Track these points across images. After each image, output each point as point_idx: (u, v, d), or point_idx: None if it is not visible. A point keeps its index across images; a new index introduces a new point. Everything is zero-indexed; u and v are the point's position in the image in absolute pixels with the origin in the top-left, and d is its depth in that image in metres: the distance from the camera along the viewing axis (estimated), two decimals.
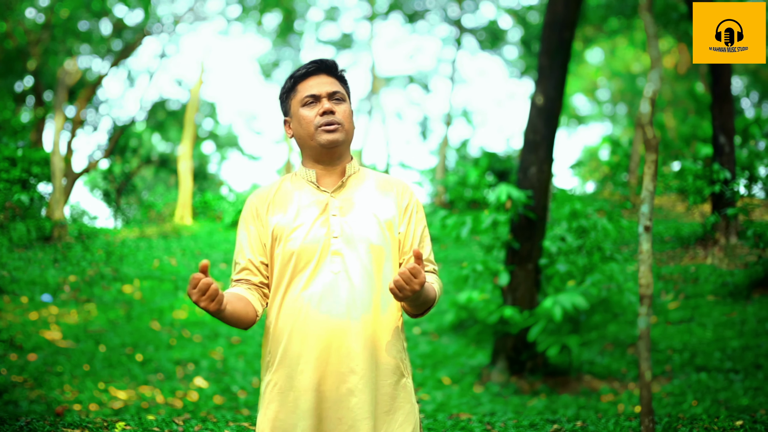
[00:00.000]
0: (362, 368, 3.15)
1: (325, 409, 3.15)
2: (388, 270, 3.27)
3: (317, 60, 3.41)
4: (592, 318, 11.11)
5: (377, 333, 3.20)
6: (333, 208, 3.29)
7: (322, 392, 3.15)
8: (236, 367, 10.76)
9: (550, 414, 7.98)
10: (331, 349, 3.15)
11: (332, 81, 3.39)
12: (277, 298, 3.27)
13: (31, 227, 18.23)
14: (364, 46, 34.96)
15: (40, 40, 25.90)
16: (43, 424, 6.60)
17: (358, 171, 3.46)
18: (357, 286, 3.19)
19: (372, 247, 3.24)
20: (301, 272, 3.23)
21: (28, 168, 20.88)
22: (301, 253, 3.22)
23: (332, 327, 3.15)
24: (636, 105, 35.95)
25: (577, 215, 10.53)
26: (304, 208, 3.31)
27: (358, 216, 3.29)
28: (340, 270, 3.20)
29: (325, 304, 3.17)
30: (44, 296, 13.43)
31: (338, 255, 3.21)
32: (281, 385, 3.22)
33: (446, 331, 12.48)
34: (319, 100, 3.34)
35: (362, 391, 3.14)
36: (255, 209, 3.39)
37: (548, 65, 9.84)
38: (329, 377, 3.15)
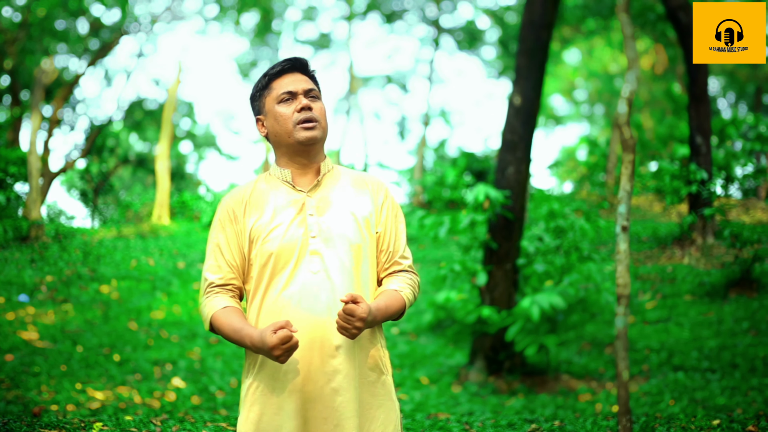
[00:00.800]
0: (345, 367, 3.15)
1: (310, 409, 3.15)
2: (366, 267, 3.27)
3: (291, 58, 3.41)
4: (570, 318, 11.14)
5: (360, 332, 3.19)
6: (309, 207, 3.28)
7: (307, 392, 3.15)
8: (214, 367, 10.74)
9: (528, 413, 8.00)
10: (313, 349, 3.14)
11: (306, 79, 3.39)
12: (256, 300, 3.25)
13: (7, 227, 18.16)
14: (342, 46, 34.94)
15: (17, 39, 25.79)
16: (20, 424, 6.57)
17: (332, 169, 3.45)
18: (337, 284, 3.18)
19: (351, 245, 3.24)
20: (280, 273, 3.21)
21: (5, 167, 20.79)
22: (279, 254, 3.21)
23: (314, 327, 3.14)
24: (613, 105, 36.05)
25: (554, 215, 10.56)
26: (281, 209, 3.29)
27: (335, 215, 3.28)
28: (319, 269, 3.19)
29: (305, 304, 3.16)
30: (21, 296, 13.37)
31: (317, 254, 3.20)
32: (264, 387, 3.21)
33: (424, 331, 12.49)
34: (295, 97, 3.33)
35: (346, 390, 3.15)
36: (231, 211, 3.36)
37: (526, 65, 9.87)
38: (313, 377, 3.15)
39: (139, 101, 33.66)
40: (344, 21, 33.07)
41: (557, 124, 44.87)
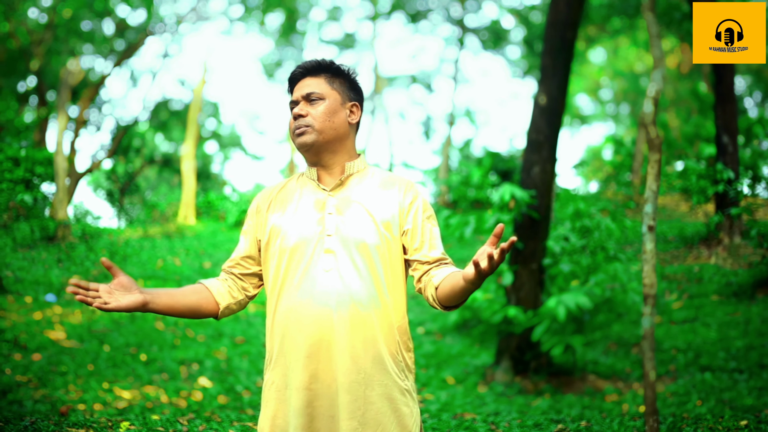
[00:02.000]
0: (349, 367, 3.14)
1: (317, 407, 3.15)
2: (382, 269, 3.24)
3: (302, 64, 3.45)
4: (596, 318, 11.10)
5: (369, 331, 3.17)
6: (330, 206, 3.30)
7: (313, 390, 3.15)
8: (240, 366, 10.76)
9: (555, 414, 7.98)
10: (320, 347, 3.14)
11: (314, 82, 3.40)
12: (274, 297, 3.28)
13: (34, 227, 18.24)
14: (366, 46, 34.98)
15: (43, 40, 25.92)
16: (47, 423, 6.60)
17: (363, 169, 3.45)
18: (348, 284, 3.17)
19: (365, 245, 3.22)
20: (295, 270, 3.23)
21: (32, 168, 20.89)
22: (294, 251, 3.23)
23: (322, 325, 3.14)
24: (639, 105, 35.94)
25: (580, 215, 10.53)
26: (303, 207, 3.33)
27: (353, 214, 3.28)
28: (331, 268, 3.19)
29: (315, 302, 3.16)
30: (48, 296, 13.44)
31: (330, 253, 3.21)
32: (278, 384, 3.24)
33: (450, 331, 12.48)
34: (297, 104, 3.39)
35: (347, 391, 3.13)
36: (257, 205, 3.46)
37: (551, 65, 9.85)
38: (320, 375, 3.14)
39: (164, 101, 33.78)
40: (369, 21, 33.11)
41: (583, 123, 44.77)
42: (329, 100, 3.38)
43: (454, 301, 3.21)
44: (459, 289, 3.09)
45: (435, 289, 3.24)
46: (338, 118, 3.39)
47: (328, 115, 3.36)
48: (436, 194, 28.79)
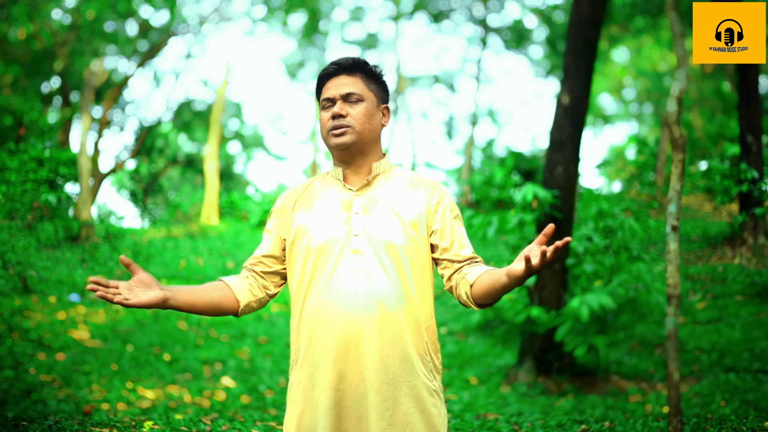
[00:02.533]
0: (377, 367, 3.13)
1: (345, 407, 3.14)
2: (409, 269, 3.23)
3: (337, 61, 3.41)
4: (620, 318, 11.06)
5: (398, 332, 3.16)
6: (356, 206, 3.29)
7: (341, 390, 3.14)
8: (263, 366, 10.78)
9: (578, 414, 7.96)
10: (349, 347, 3.13)
11: (351, 81, 3.37)
12: (300, 297, 3.26)
13: (58, 227, 18.31)
14: (389, 46, 34.97)
15: (67, 41, 26.03)
16: (71, 423, 6.63)
17: (389, 169, 3.44)
18: (376, 284, 3.16)
19: (393, 245, 3.21)
20: (321, 270, 3.22)
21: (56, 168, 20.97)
22: (321, 251, 3.22)
23: (350, 325, 3.13)
24: (662, 104, 35.80)
25: (603, 215, 10.50)
26: (329, 206, 3.32)
27: (380, 215, 3.27)
28: (359, 268, 3.18)
29: (343, 303, 3.15)
30: (72, 296, 13.49)
31: (358, 253, 3.20)
32: (304, 384, 3.22)
33: (473, 331, 12.47)
34: (334, 103, 3.34)
35: (377, 391, 3.12)
36: (281, 204, 3.44)
37: (574, 64, 9.82)
38: (348, 375, 3.13)
39: (187, 102, 33.89)
40: (391, 21, 33.11)
41: (606, 123, 44.66)
42: (368, 102, 3.37)
43: (489, 299, 3.21)
44: (500, 286, 3.09)
45: (470, 287, 3.24)
46: (375, 120, 3.40)
47: (368, 117, 3.36)
48: (458, 194, 28.77)
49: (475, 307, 3.28)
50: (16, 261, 12.84)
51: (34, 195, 16.64)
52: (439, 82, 37.32)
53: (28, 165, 18.69)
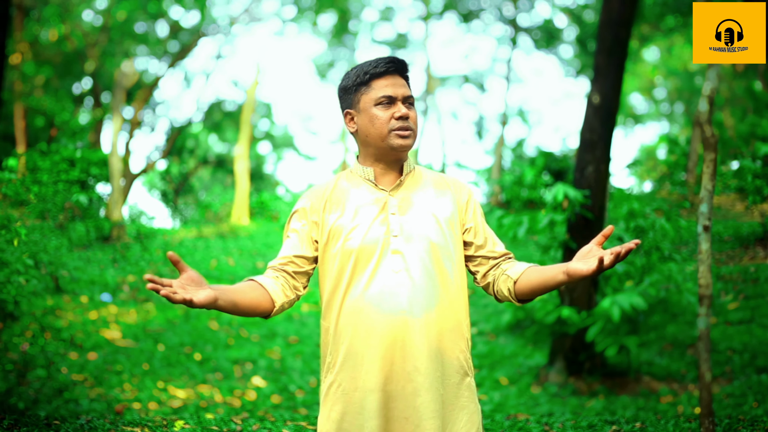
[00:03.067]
0: (427, 367, 3.12)
1: (392, 408, 3.12)
2: (448, 268, 3.23)
3: (393, 59, 3.36)
4: (651, 318, 11.02)
5: (440, 331, 3.17)
6: (392, 206, 3.27)
7: (388, 392, 3.12)
8: (294, 366, 10.80)
9: (609, 415, 7.94)
10: (395, 348, 3.12)
11: (405, 83, 3.35)
12: (336, 299, 3.23)
13: (90, 227, 18.42)
14: (419, 46, 34.93)
15: (98, 43, 26.17)
16: (103, 422, 6.66)
17: (414, 170, 3.43)
18: (418, 284, 3.15)
19: (432, 244, 3.21)
20: (361, 271, 3.19)
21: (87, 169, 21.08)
22: (360, 252, 3.19)
23: (395, 326, 3.11)
24: (693, 103, 35.64)
25: (634, 215, 10.45)
26: (363, 207, 3.28)
27: (416, 214, 3.26)
28: (401, 269, 3.17)
29: (387, 303, 3.13)
30: (104, 296, 13.56)
31: (398, 253, 3.18)
32: (345, 386, 3.19)
33: (503, 332, 12.45)
34: (394, 102, 3.29)
35: (428, 390, 3.11)
36: (310, 204, 3.36)
37: (605, 64, 9.78)
38: (395, 376, 3.12)
39: (218, 102, 33.99)
40: (421, 21, 33.05)
41: (636, 122, 44.43)
42: (415, 106, 3.38)
43: (535, 295, 3.24)
44: (554, 284, 3.14)
45: (513, 283, 3.25)
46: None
47: (416, 121, 3.36)
48: (488, 194, 28.72)
49: (516, 302, 3.30)
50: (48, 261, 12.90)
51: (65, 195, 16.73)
52: (469, 82, 37.26)
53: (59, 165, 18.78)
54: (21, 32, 24.16)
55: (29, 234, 8.45)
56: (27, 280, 7.10)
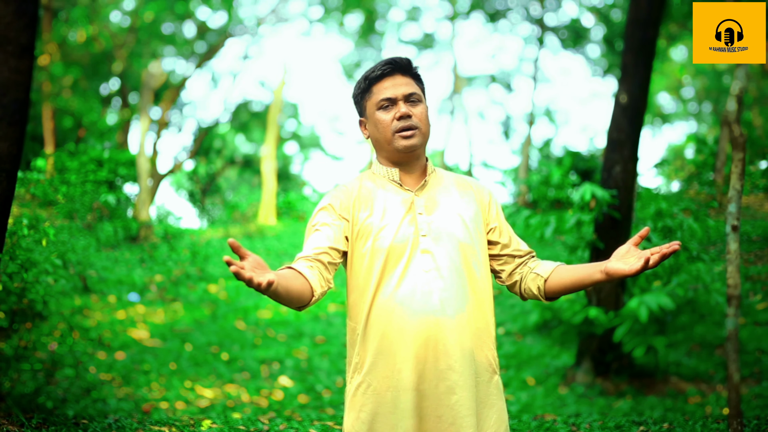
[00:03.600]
0: (461, 365, 3.13)
1: (425, 407, 3.13)
2: (475, 267, 3.25)
3: (391, 60, 3.36)
4: (679, 319, 10.97)
5: (471, 330, 3.18)
6: (418, 206, 3.28)
7: (421, 391, 3.13)
8: (320, 366, 10.81)
9: (636, 416, 7.91)
10: (428, 347, 3.12)
11: (408, 81, 3.34)
12: (365, 299, 3.23)
13: (117, 227, 18.50)
14: (445, 46, 34.90)
15: (126, 43, 26.27)
16: (131, 421, 6.68)
17: (435, 171, 3.45)
18: (449, 283, 3.16)
19: (459, 244, 3.22)
20: (391, 271, 3.20)
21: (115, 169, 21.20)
22: (390, 251, 3.19)
23: (428, 325, 3.12)
24: (722, 103, 35.46)
25: (662, 215, 10.41)
26: (390, 207, 3.29)
27: (443, 214, 3.28)
28: (431, 268, 3.17)
29: (418, 303, 3.13)
30: (131, 295, 13.62)
31: (428, 253, 3.19)
32: (376, 386, 3.19)
33: (530, 332, 12.42)
34: (395, 103, 3.30)
35: (462, 388, 3.12)
36: (339, 202, 3.34)
37: (632, 63, 9.74)
38: (428, 375, 3.13)
39: (245, 103, 34.09)
40: (448, 21, 33.02)
41: (664, 122, 44.25)
42: (424, 103, 3.37)
43: (565, 294, 3.25)
44: (590, 282, 3.15)
45: (543, 281, 3.27)
46: (429, 121, 3.40)
47: (427, 118, 3.36)
48: (515, 194, 28.66)
49: (544, 300, 3.32)
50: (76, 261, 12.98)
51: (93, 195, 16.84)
52: (495, 81, 37.17)
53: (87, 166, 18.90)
54: (49, 33, 24.30)
55: (57, 234, 8.50)
56: (55, 280, 7.15)
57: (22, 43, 5.48)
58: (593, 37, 32.46)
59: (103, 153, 21.96)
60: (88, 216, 17.18)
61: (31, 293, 6.58)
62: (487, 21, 32.69)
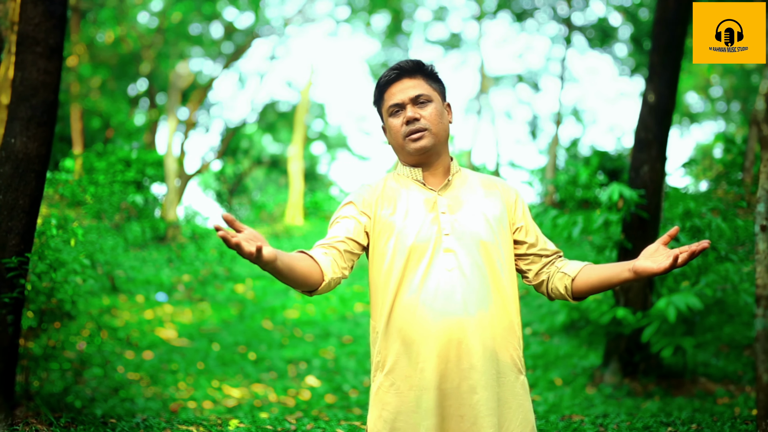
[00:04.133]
0: (483, 364, 3.13)
1: (447, 407, 3.13)
2: (499, 266, 3.25)
3: (397, 65, 3.39)
4: (707, 319, 10.92)
5: (495, 330, 3.18)
6: (442, 206, 3.29)
7: (443, 390, 3.13)
8: (347, 366, 10.81)
9: (665, 416, 7.87)
10: (450, 346, 3.13)
11: (416, 83, 3.36)
12: (387, 297, 3.24)
13: (145, 228, 18.58)
14: (472, 46, 34.86)
15: (153, 44, 26.38)
16: (158, 421, 6.71)
17: (459, 171, 3.46)
18: (471, 282, 3.17)
19: (483, 243, 3.23)
20: (413, 270, 3.20)
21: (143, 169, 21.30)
22: (413, 250, 3.20)
23: (450, 324, 3.12)
24: (750, 102, 35.25)
25: (690, 215, 10.36)
26: (413, 206, 3.31)
27: (466, 213, 3.28)
28: (453, 267, 3.18)
29: (440, 302, 3.14)
30: (159, 295, 13.67)
31: (451, 252, 3.20)
32: (398, 385, 3.21)
33: (558, 332, 12.39)
34: (403, 107, 3.32)
35: (484, 388, 3.12)
36: (362, 199, 3.37)
37: (660, 62, 9.70)
38: (450, 375, 3.13)
39: (272, 103, 34.17)
40: (474, 20, 32.99)
41: (692, 121, 44.05)
42: (435, 102, 3.36)
43: (593, 293, 3.25)
44: (618, 281, 3.17)
45: (571, 281, 3.27)
46: (444, 119, 3.39)
47: (439, 117, 3.35)
48: (542, 194, 28.60)
49: (572, 299, 3.32)
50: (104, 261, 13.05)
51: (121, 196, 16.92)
52: (522, 81, 37.10)
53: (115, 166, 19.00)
54: (77, 34, 24.44)
55: (86, 234, 8.54)
56: (84, 280, 7.18)
57: (51, 45, 5.51)
58: (621, 37, 32.34)
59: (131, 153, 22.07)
60: (116, 216, 17.26)
61: (59, 293, 6.62)
62: (514, 20, 32.65)
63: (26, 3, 5.50)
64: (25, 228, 5.51)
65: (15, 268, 5.43)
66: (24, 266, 5.51)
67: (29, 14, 5.47)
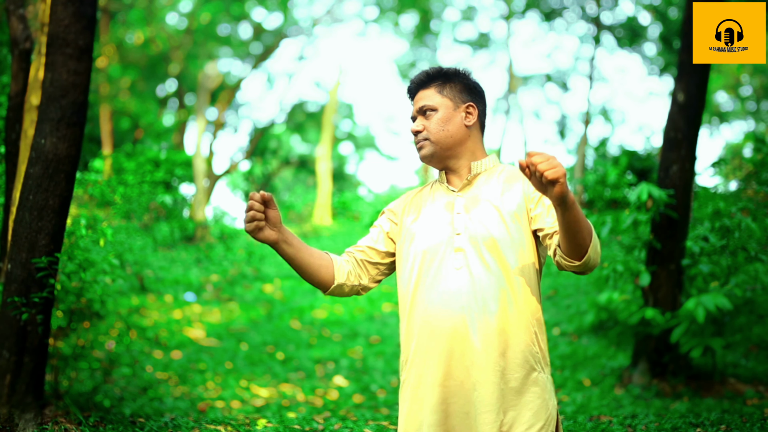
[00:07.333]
0: (484, 361, 3.18)
1: (452, 404, 3.20)
2: (511, 261, 3.27)
3: (413, 79, 3.57)
4: (737, 320, 10.86)
5: (502, 326, 3.20)
6: (458, 206, 3.38)
7: (447, 387, 3.21)
8: (375, 366, 10.82)
9: (694, 417, 7.84)
10: (455, 344, 3.20)
11: (425, 94, 3.50)
12: (407, 299, 3.36)
13: (174, 228, 18.64)
14: (501, 46, 34.81)
15: (182, 45, 26.49)
16: (187, 420, 6.73)
17: (491, 168, 3.50)
18: (477, 280, 3.22)
19: (493, 240, 3.26)
20: (427, 271, 3.31)
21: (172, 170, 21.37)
22: (427, 253, 3.33)
23: (456, 322, 3.20)
24: None
25: (720, 214, 10.30)
26: (435, 210, 3.43)
27: (480, 211, 3.33)
28: (462, 266, 3.25)
29: (447, 301, 3.23)
30: (187, 295, 13.72)
31: (460, 251, 3.28)
32: (412, 383, 3.31)
33: (586, 332, 12.36)
34: (414, 119, 3.53)
35: (484, 385, 3.17)
36: (393, 207, 3.58)
37: (689, 61, 9.65)
38: (454, 372, 3.20)
39: (300, 104, 34.22)
40: (503, 20, 32.94)
41: (722, 121, 43.81)
42: (441, 110, 3.46)
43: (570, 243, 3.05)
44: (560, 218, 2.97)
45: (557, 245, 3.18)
46: (452, 124, 3.45)
47: (442, 124, 3.44)
48: None
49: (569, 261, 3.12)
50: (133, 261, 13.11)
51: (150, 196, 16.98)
52: (551, 80, 37.00)
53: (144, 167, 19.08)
54: (107, 36, 24.57)
55: (115, 234, 8.59)
56: (113, 280, 7.22)
57: (81, 46, 5.54)
58: (650, 36, 32.21)
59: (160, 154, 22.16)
60: (145, 216, 17.34)
61: (89, 293, 6.66)
62: (543, 20, 32.57)
63: (56, 4, 5.53)
64: (55, 228, 5.55)
65: (45, 268, 5.47)
66: (54, 266, 5.54)
67: (59, 16, 5.50)
